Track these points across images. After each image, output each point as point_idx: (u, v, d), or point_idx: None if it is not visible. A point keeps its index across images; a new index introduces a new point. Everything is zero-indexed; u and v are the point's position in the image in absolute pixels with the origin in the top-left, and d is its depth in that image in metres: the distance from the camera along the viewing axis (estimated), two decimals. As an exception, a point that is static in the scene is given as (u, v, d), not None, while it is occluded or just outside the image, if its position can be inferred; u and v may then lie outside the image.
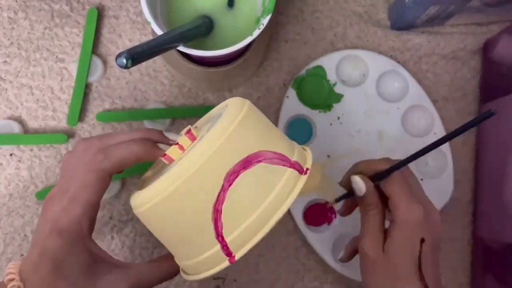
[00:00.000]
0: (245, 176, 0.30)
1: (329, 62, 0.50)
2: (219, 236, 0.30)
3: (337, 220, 0.49)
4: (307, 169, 0.33)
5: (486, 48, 0.52)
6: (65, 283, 0.31)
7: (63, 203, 0.32)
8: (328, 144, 0.50)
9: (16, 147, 0.48)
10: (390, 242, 0.35)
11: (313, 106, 0.50)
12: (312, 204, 0.49)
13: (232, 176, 0.30)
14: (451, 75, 0.52)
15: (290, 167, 0.32)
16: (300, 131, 0.50)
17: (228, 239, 0.30)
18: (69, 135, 0.49)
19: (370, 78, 0.50)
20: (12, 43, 0.49)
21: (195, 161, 0.30)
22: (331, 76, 0.50)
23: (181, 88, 0.50)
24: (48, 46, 0.50)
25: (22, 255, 0.48)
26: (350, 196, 0.41)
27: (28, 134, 0.48)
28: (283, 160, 0.32)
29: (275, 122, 0.50)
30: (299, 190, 0.32)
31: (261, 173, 0.31)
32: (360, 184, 0.38)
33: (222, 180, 0.30)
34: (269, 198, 0.31)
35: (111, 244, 0.48)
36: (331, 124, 0.50)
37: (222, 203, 0.30)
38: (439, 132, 0.50)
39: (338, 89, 0.50)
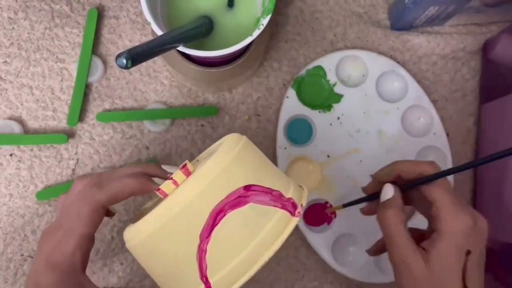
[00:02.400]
0: (232, 216, 0.29)
1: (329, 62, 0.50)
2: (203, 277, 0.30)
3: (337, 220, 0.49)
4: (299, 212, 0.32)
5: (486, 48, 0.52)
6: None
7: (57, 237, 0.32)
8: (328, 144, 0.50)
9: (16, 147, 0.48)
10: (436, 254, 0.32)
11: (313, 106, 0.50)
12: (312, 204, 0.49)
13: (219, 214, 0.29)
14: (451, 75, 0.53)
15: (281, 208, 0.31)
16: (300, 131, 0.50)
17: (212, 280, 0.30)
18: (69, 135, 0.49)
19: (369, 78, 0.51)
20: (12, 43, 0.49)
21: (181, 199, 0.29)
22: (331, 76, 0.50)
23: (181, 88, 0.50)
24: (48, 47, 0.50)
25: (22, 255, 0.48)
26: (361, 202, 0.39)
27: (28, 134, 0.48)
28: (275, 200, 0.31)
29: (275, 122, 0.50)
30: (288, 233, 0.30)
31: (250, 213, 0.30)
32: (389, 190, 0.36)
33: (208, 217, 0.29)
34: (256, 239, 0.30)
35: (111, 244, 0.48)
36: (331, 124, 0.50)
37: (207, 243, 0.29)
38: (439, 132, 0.50)
39: (338, 89, 0.50)
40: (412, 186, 0.35)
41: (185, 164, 0.32)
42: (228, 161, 0.31)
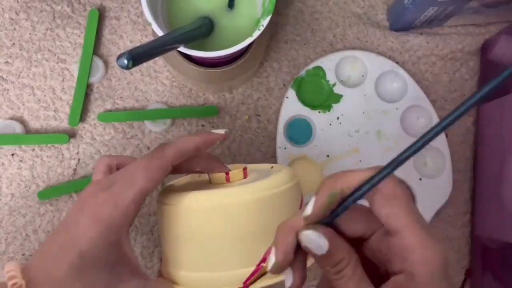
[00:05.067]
0: None
1: (328, 63, 0.51)
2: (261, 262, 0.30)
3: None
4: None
5: (485, 48, 0.52)
6: (80, 284, 0.28)
7: (112, 189, 0.30)
8: (328, 144, 0.50)
9: (18, 147, 0.49)
10: None
11: (313, 106, 0.50)
12: (312, 204, 0.49)
13: None
14: (450, 76, 0.53)
15: None
16: (300, 131, 0.50)
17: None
18: (71, 135, 0.49)
19: (369, 78, 0.51)
20: (13, 44, 0.50)
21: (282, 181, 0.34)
22: (331, 77, 0.51)
23: (181, 89, 0.51)
24: (50, 47, 0.50)
25: (23, 254, 0.48)
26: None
27: (29, 134, 0.49)
28: None
29: (275, 122, 0.51)
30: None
31: None
32: (317, 240, 0.24)
33: None
34: None
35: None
36: (330, 124, 0.50)
37: None
38: (438, 132, 0.51)
39: (337, 89, 0.51)
40: (344, 206, 0.24)
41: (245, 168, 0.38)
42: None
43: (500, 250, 0.46)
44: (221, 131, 0.36)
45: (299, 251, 0.25)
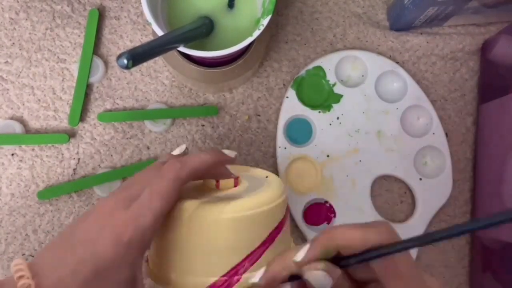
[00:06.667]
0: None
1: (328, 63, 0.51)
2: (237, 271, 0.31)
3: (337, 220, 0.49)
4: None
5: (485, 48, 0.52)
6: None
7: (131, 210, 0.30)
8: (328, 144, 0.50)
9: (18, 147, 0.49)
10: None
11: (313, 106, 0.50)
12: (312, 204, 0.49)
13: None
14: (450, 76, 0.53)
15: None
16: (299, 131, 0.50)
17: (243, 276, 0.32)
18: (71, 135, 0.49)
19: (369, 78, 0.51)
20: (13, 43, 0.50)
21: (273, 199, 0.33)
22: (331, 77, 0.51)
23: (181, 89, 0.51)
24: (50, 47, 0.50)
25: (23, 254, 0.48)
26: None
27: (29, 134, 0.49)
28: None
29: (275, 122, 0.51)
30: None
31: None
32: (323, 279, 0.26)
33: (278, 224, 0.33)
34: None
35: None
36: (330, 124, 0.50)
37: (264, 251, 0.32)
38: (438, 132, 0.51)
39: (337, 89, 0.51)
40: (356, 262, 0.26)
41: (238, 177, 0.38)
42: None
43: (500, 250, 0.46)
44: (232, 154, 0.36)
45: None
